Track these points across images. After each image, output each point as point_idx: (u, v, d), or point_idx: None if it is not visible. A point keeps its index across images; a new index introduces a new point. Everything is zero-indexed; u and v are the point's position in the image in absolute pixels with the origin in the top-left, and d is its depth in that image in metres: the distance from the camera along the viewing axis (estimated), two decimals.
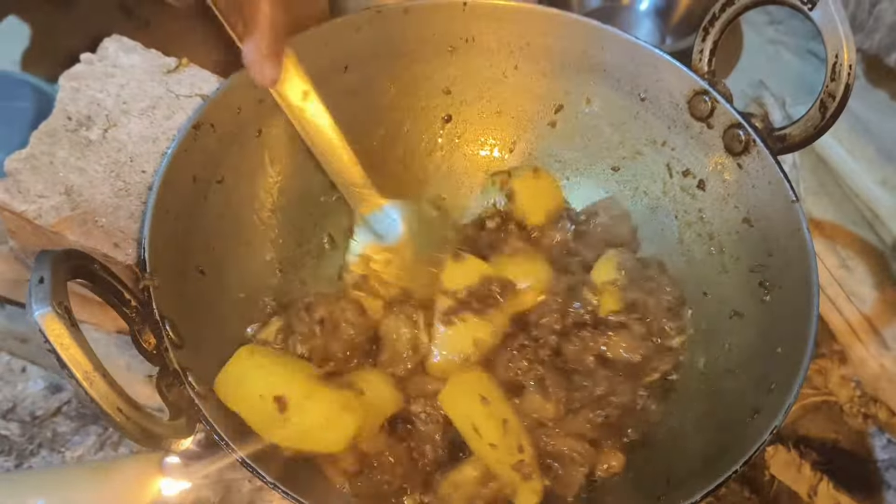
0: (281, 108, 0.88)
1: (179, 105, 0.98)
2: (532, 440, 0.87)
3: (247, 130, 0.95)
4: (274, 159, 1.00)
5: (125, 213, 0.90)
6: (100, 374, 0.65)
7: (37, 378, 1.16)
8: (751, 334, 0.89)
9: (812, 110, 0.85)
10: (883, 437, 1.17)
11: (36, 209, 0.88)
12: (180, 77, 1.00)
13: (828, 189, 1.29)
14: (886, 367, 1.16)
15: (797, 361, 0.78)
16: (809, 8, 0.80)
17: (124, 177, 0.92)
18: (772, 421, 0.76)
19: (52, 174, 0.90)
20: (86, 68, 0.99)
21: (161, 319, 0.78)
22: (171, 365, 0.77)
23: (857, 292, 1.21)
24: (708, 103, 0.94)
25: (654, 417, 0.92)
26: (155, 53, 1.02)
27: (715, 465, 0.76)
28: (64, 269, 0.68)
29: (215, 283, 0.92)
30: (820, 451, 1.14)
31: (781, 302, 0.87)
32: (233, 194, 0.95)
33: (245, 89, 0.92)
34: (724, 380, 0.90)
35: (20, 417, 1.13)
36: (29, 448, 1.10)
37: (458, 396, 0.87)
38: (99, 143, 0.94)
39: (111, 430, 1.11)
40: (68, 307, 0.65)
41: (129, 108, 0.97)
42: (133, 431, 0.68)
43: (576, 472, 0.84)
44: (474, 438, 0.85)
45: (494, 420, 0.85)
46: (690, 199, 1.00)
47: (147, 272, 0.80)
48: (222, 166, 0.93)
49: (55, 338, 0.63)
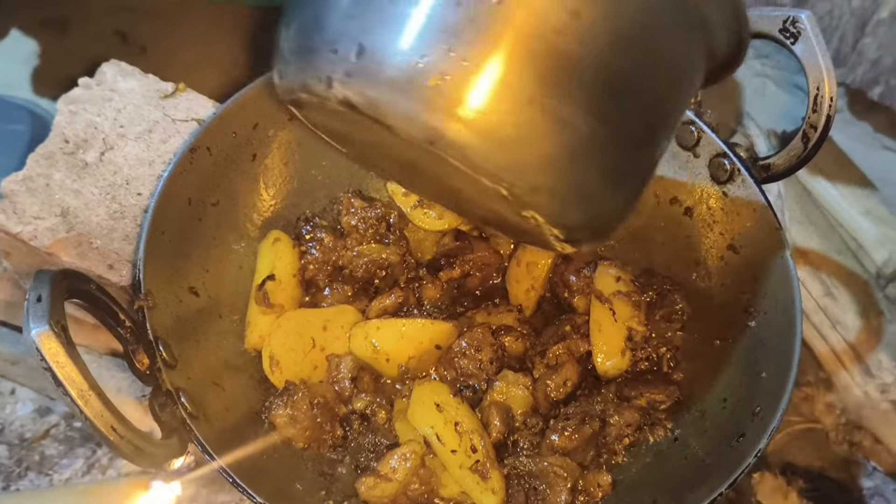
0: (275, 131, 0.89)
1: (176, 129, 0.99)
2: (490, 442, 0.88)
3: (242, 154, 0.97)
4: (268, 183, 1.01)
5: (120, 234, 0.91)
6: (95, 393, 0.66)
7: (26, 401, 1.16)
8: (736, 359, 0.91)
9: (795, 141, 0.87)
10: (868, 465, 1.18)
11: (31, 230, 0.89)
12: (177, 102, 1.01)
13: (813, 219, 1.31)
14: (870, 395, 1.18)
15: (781, 386, 0.80)
16: (792, 42, 0.82)
17: (120, 199, 0.93)
18: (756, 444, 0.77)
19: (48, 196, 0.91)
20: (83, 92, 1.00)
21: (155, 340, 0.79)
22: (164, 385, 0.78)
23: (842, 320, 1.23)
24: (694, 133, 0.96)
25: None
26: (152, 78, 1.03)
27: (700, 488, 0.77)
28: (61, 289, 0.69)
29: (209, 305, 0.93)
30: (806, 478, 1.15)
31: (766, 327, 0.88)
32: (227, 217, 0.96)
33: (241, 114, 0.94)
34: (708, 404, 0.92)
35: (8, 440, 1.13)
36: (16, 471, 1.10)
37: (420, 410, 0.89)
38: (95, 165, 0.95)
39: (99, 454, 1.11)
40: (65, 326, 0.66)
41: (126, 131, 0.98)
42: (126, 450, 0.68)
43: (560, 489, 0.85)
44: (439, 447, 0.87)
45: (449, 425, 0.87)
46: (677, 226, 1.02)
47: (141, 293, 0.81)
48: (217, 189, 0.94)
49: (51, 356, 0.64)
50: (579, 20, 0.59)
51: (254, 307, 0.95)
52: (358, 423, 0.93)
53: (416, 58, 0.59)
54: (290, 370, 0.92)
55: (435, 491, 0.89)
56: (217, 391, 0.88)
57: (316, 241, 1.01)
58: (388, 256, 0.99)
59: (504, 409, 0.91)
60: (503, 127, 0.60)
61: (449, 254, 1.03)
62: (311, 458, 0.91)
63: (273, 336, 0.93)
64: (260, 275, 0.97)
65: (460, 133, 0.59)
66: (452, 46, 0.59)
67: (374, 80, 0.60)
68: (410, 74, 0.59)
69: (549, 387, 0.92)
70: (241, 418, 0.89)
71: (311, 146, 1.02)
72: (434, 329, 0.93)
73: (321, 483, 0.89)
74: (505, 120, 0.59)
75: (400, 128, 0.60)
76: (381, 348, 0.92)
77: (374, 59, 0.60)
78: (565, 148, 0.62)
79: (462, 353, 0.93)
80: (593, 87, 0.61)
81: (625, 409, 0.92)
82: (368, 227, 1.02)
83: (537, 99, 0.59)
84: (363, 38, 0.60)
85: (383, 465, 0.87)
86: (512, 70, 0.59)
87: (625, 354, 0.95)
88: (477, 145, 0.60)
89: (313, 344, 0.94)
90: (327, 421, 0.90)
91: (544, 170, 0.63)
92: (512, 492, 0.87)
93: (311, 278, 1.00)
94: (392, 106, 0.60)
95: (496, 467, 0.86)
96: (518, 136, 0.60)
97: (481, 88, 0.59)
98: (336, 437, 0.91)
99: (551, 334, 0.97)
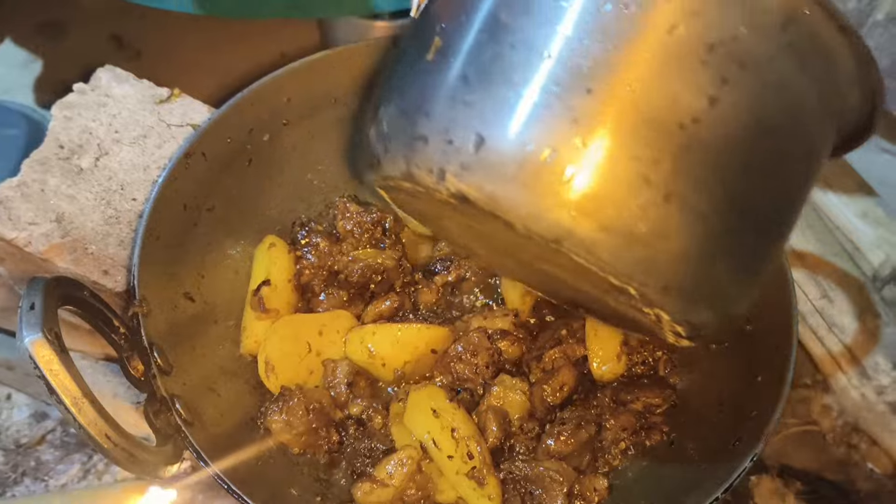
0: (271, 137, 0.89)
1: (171, 134, 0.99)
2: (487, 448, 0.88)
3: (237, 159, 0.97)
4: (264, 188, 1.01)
5: (115, 240, 0.91)
6: (88, 400, 0.65)
7: (22, 406, 1.16)
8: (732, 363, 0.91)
9: None
10: (866, 467, 1.18)
11: (26, 236, 0.89)
12: (172, 107, 1.01)
13: (809, 221, 1.31)
14: (867, 397, 1.18)
15: (778, 389, 0.80)
16: None
17: (115, 204, 0.93)
18: (753, 448, 0.77)
19: (43, 202, 0.91)
20: (78, 98, 1.00)
21: (150, 346, 0.79)
22: (159, 391, 0.78)
23: (839, 322, 1.23)
24: None
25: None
26: (147, 84, 1.03)
27: (697, 492, 0.77)
28: (55, 296, 0.69)
29: (204, 310, 0.93)
30: (804, 481, 1.15)
31: (762, 330, 0.88)
32: (223, 222, 0.96)
33: (236, 119, 0.94)
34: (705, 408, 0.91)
35: (4, 445, 1.13)
36: (12, 476, 1.10)
37: (416, 415, 0.89)
38: (90, 171, 0.95)
39: (95, 459, 1.11)
40: (58, 333, 0.66)
41: (121, 136, 0.98)
42: (120, 457, 0.68)
43: (556, 493, 0.85)
44: (435, 453, 0.87)
45: (446, 431, 0.87)
46: None
47: (136, 299, 0.81)
48: (213, 195, 0.94)
49: (45, 364, 0.64)
50: (718, 107, 0.56)
51: (249, 312, 0.95)
52: (354, 429, 0.93)
53: (542, 151, 0.54)
54: (285, 375, 0.92)
55: (431, 496, 0.88)
56: (212, 397, 0.88)
57: (311, 246, 1.01)
58: (383, 261, 0.99)
59: (501, 413, 0.91)
60: (637, 223, 0.55)
61: (444, 258, 1.03)
62: (306, 464, 0.90)
63: (268, 341, 0.93)
64: (255, 280, 0.96)
65: (591, 231, 0.55)
66: (584, 138, 0.54)
67: (494, 175, 0.56)
68: (536, 169, 0.55)
69: (545, 391, 0.92)
70: (236, 424, 0.89)
71: (306, 151, 1.03)
72: (430, 333, 0.93)
73: (317, 488, 0.89)
74: (640, 216, 0.55)
75: (522, 225, 0.57)
76: (377, 353, 0.92)
77: (495, 151, 0.56)
78: (700, 243, 0.58)
79: (458, 358, 0.93)
80: (732, 176, 0.58)
81: (621, 413, 0.92)
82: (364, 232, 1.01)
83: (675, 192, 0.55)
84: (482, 128, 0.56)
85: (379, 471, 0.87)
86: (649, 162, 0.55)
87: (621, 359, 0.95)
88: (608, 244, 0.56)
89: (309, 349, 0.93)
90: (323, 426, 0.90)
91: (678, 267, 0.58)
92: (508, 496, 0.87)
93: (307, 283, 1.00)
94: (515, 202, 0.56)
95: (493, 473, 0.86)
96: (653, 232, 0.56)
97: (616, 183, 0.55)
98: (332, 443, 0.91)
99: (547, 339, 0.97)
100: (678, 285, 0.59)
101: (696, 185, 0.56)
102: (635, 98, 0.55)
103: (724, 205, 0.58)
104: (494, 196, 0.56)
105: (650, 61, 0.55)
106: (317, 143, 1.03)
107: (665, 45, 0.55)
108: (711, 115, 0.56)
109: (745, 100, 0.57)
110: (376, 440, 0.92)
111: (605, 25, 0.55)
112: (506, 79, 0.57)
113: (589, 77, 0.55)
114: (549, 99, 0.55)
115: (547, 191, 0.55)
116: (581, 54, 0.55)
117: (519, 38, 0.57)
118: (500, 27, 0.58)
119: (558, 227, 0.56)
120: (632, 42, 0.55)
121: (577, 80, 0.55)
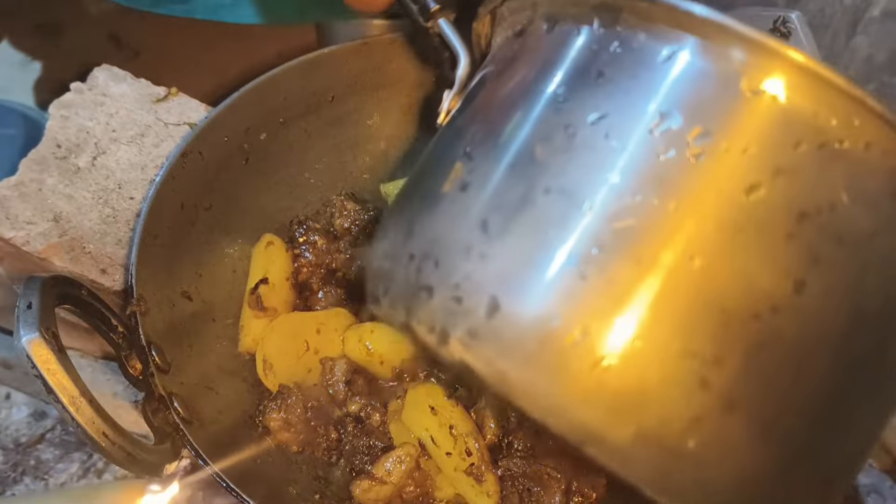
0: (268, 135, 0.89)
1: (168, 133, 0.99)
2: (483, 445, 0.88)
3: (234, 158, 0.97)
4: (261, 187, 1.01)
5: (113, 239, 0.91)
6: (86, 399, 0.65)
7: (21, 405, 1.16)
8: None
9: None
10: None
11: (24, 236, 0.89)
12: (169, 106, 1.01)
13: None
14: None
15: None
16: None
17: (112, 203, 0.93)
18: None
19: (41, 201, 0.91)
20: (76, 97, 1.00)
21: (147, 345, 0.79)
22: (157, 390, 0.78)
23: None
24: None
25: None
26: (144, 83, 1.03)
27: None
28: (52, 295, 0.69)
29: (202, 309, 0.93)
30: None
31: None
32: (220, 221, 0.96)
33: (233, 118, 0.94)
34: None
35: (3, 444, 1.13)
36: (12, 475, 1.10)
37: (414, 412, 0.89)
38: (88, 170, 0.95)
39: (95, 458, 1.11)
40: (56, 332, 0.66)
41: (119, 135, 0.98)
42: (118, 457, 0.68)
43: (554, 490, 0.85)
44: (434, 450, 0.87)
45: (444, 428, 0.87)
46: None
47: (134, 298, 0.81)
48: (210, 193, 0.94)
49: (42, 363, 0.64)
50: (806, 293, 0.44)
51: (247, 311, 0.95)
52: (352, 426, 0.93)
53: (571, 329, 0.43)
54: (283, 374, 0.92)
55: (430, 493, 0.89)
56: (210, 395, 0.88)
57: (309, 244, 1.01)
58: None
59: (499, 410, 0.91)
60: (687, 438, 0.44)
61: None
62: (305, 462, 0.91)
63: (266, 340, 0.93)
64: (253, 278, 0.97)
65: (626, 440, 0.44)
66: (626, 321, 0.42)
67: (508, 350, 0.45)
68: (561, 351, 0.43)
69: None
70: (234, 422, 0.89)
71: (303, 150, 1.03)
72: None
73: (316, 486, 0.89)
74: (692, 428, 0.44)
75: (537, 416, 0.46)
76: (376, 351, 0.92)
77: (511, 321, 0.45)
78: (769, 467, 0.45)
79: None
80: (818, 383, 0.46)
81: None
82: (362, 230, 1.01)
83: (741, 402, 0.44)
84: (499, 289, 0.45)
85: (378, 468, 0.87)
86: (709, 361, 0.43)
87: None
88: (648, 457, 0.45)
89: (307, 347, 0.94)
90: (321, 424, 0.90)
91: (736, 496, 0.46)
92: (506, 493, 0.87)
93: (305, 281, 1.00)
94: (531, 388, 0.45)
95: (491, 470, 0.86)
96: (708, 450, 0.44)
97: (664, 384, 0.43)
98: (330, 441, 0.91)
99: None
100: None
101: (771, 395, 0.44)
102: (697, 276, 0.43)
103: (804, 420, 0.46)
104: (506, 376, 0.46)
105: (720, 230, 0.43)
106: (314, 141, 1.04)
107: (742, 210, 0.43)
108: (797, 304, 0.44)
109: (841, 285, 0.45)
110: (375, 437, 0.92)
111: (664, 176, 0.44)
112: (533, 232, 0.45)
113: (639, 243, 0.43)
114: (585, 265, 0.44)
115: (573, 381, 0.44)
116: (631, 212, 0.44)
117: (555, 183, 0.46)
118: (534, 164, 0.47)
119: (584, 428, 0.45)
120: (698, 201, 0.43)
121: (623, 244, 0.44)
